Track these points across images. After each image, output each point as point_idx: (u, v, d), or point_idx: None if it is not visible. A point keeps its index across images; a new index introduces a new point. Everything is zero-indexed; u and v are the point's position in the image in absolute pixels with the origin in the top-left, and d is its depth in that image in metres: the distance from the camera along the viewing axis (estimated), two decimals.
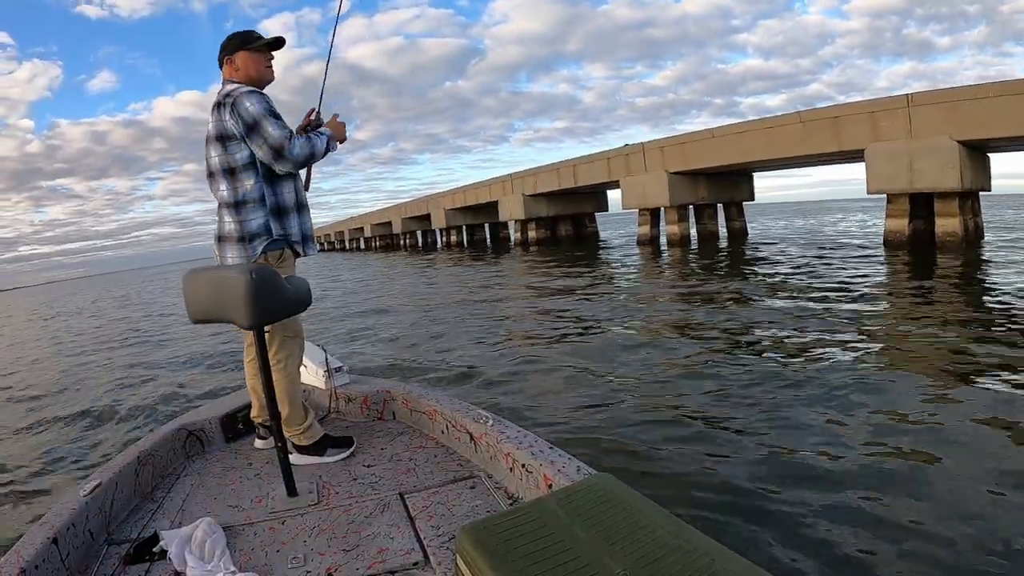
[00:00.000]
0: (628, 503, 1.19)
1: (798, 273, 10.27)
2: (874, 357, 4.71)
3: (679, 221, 19.15)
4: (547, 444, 1.82)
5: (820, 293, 7.78)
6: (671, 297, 8.80)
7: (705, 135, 17.25)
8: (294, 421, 2.19)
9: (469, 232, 36.26)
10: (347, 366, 2.84)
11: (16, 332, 18.04)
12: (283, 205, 2.16)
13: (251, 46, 2.16)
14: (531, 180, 25.93)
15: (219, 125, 2.04)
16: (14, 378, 8.45)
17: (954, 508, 2.38)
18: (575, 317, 7.70)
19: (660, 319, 7.15)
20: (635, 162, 19.85)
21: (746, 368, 4.58)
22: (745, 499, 2.60)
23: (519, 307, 9.32)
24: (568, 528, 1.12)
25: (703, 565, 0.99)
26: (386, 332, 8.08)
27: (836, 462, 2.87)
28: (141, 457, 2.09)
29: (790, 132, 14.84)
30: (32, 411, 6.06)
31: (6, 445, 4.90)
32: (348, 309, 11.16)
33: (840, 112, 13.86)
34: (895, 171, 12.61)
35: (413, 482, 2.01)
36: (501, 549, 1.06)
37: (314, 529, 1.74)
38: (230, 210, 2.10)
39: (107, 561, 1.64)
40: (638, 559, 1.02)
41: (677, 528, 1.10)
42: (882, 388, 3.91)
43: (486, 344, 6.53)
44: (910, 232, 12.91)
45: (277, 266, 2.14)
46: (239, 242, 2.10)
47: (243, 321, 1.75)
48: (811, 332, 5.63)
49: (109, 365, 8.37)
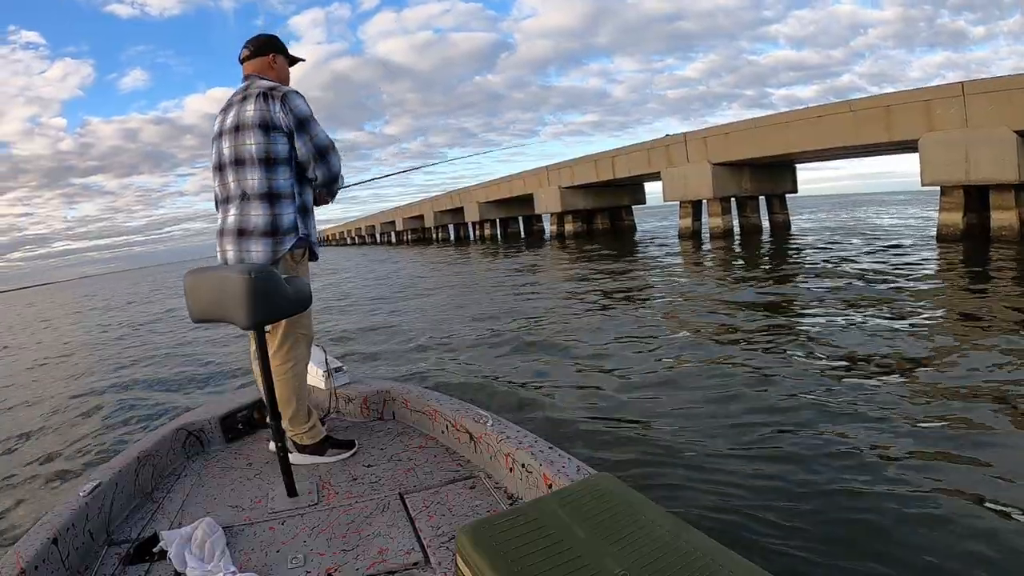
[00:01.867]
0: (628, 503, 1.20)
1: (854, 269, 9.90)
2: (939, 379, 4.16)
3: (722, 214, 19.01)
4: (547, 444, 1.84)
5: (882, 296, 7.34)
6: (723, 295, 8.42)
7: (750, 124, 17.12)
8: (299, 420, 2.22)
9: (502, 225, 36.40)
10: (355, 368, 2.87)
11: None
12: (307, 205, 2.22)
13: (288, 55, 2.33)
14: (567, 172, 25.94)
15: (265, 114, 2.04)
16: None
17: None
18: (633, 326, 6.96)
19: (719, 321, 6.74)
20: (677, 153, 19.75)
21: (822, 384, 4.20)
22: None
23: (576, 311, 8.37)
24: (568, 528, 1.13)
25: (703, 565, 1.00)
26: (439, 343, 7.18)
27: (875, 488, 2.72)
28: (141, 457, 2.11)
29: (839, 122, 14.67)
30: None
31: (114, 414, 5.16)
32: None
33: (892, 101, 13.63)
34: (951, 162, 12.39)
35: (413, 482, 2.03)
36: (501, 549, 1.07)
37: (314, 529, 1.76)
38: (262, 201, 2.07)
39: (107, 561, 1.65)
40: (638, 559, 1.03)
41: (677, 528, 1.11)
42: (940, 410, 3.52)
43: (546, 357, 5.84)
44: (964, 226, 12.69)
45: (297, 265, 2.19)
46: (268, 236, 2.08)
47: (242, 321, 1.76)
48: (877, 343, 5.16)
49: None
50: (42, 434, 5.23)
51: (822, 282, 8.72)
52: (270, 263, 2.06)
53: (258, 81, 2.15)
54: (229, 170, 2.11)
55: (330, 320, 9.87)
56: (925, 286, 7.85)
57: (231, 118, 2.10)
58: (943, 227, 13.12)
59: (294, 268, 2.16)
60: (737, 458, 3.13)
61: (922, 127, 12.91)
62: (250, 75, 2.21)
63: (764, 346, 5.38)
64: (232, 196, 2.11)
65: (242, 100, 2.09)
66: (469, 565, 1.08)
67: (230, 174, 2.10)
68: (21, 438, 5.19)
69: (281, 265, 2.10)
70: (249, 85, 2.14)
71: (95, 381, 7.55)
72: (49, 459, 4.40)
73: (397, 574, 1.52)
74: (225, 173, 2.12)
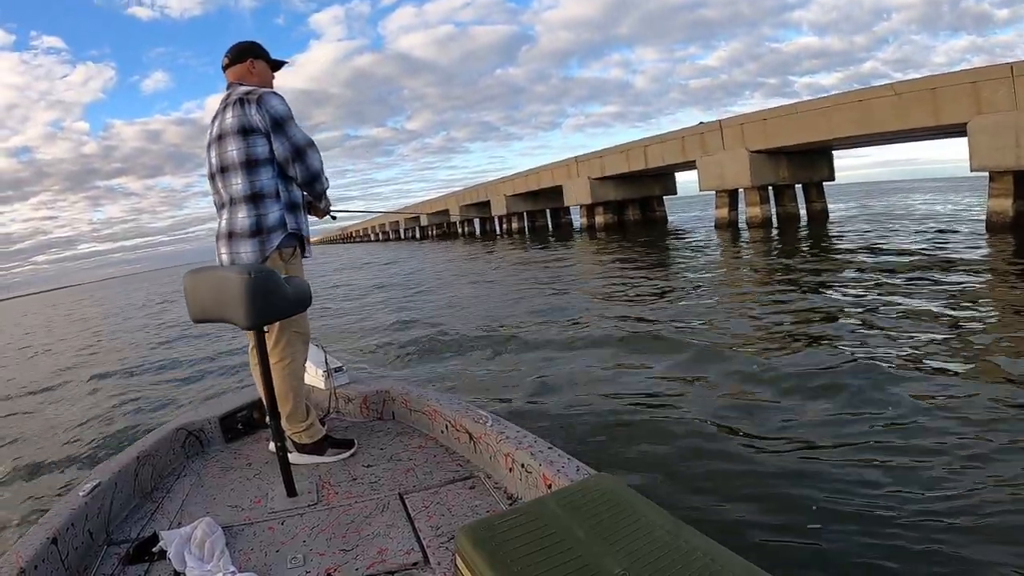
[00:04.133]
0: (628, 503, 1.21)
1: (908, 261, 9.37)
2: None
3: (760, 203, 18.83)
4: (546, 444, 1.86)
5: (942, 291, 6.88)
6: (777, 294, 7.76)
7: (789, 110, 16.98)
8: (296, 418, 2.26)
9: (529, 219, 36.41)
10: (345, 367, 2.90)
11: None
12: (295, 201, 2.28)
13: (269, 58, 2.39)
14: (597, 163, 25.86)
15: (242, 119, 2.12)
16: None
17: None
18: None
19: (766, 321, 6.32)
20: (712, 140, 19.58)
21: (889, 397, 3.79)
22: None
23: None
24: (567, 528, 1.14)
25: (702, 565, 1.01)
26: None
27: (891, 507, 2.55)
28: (140, 457, 2.14)
29: (883, 106, 14.47)
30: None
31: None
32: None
33: (938, 83, 13.42)
34: (1000, 147, 12.13)
35: (413, 482, 2.05)
36: (500, 549, 1.08)
37: (313, 529, 1.78)
38: (247, 204, 2.15)
39: (107, 561, 1.67)
40: (637, 559, 1.04)
41: (676, 528, 1.12)
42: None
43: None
44: (1014, 213, 12.36)
45: (288, 264, 2.24)
46: (254, 236, 2.15)
47: (242, 321, 1.78)
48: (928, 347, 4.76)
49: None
50: (44, 434, 5.28)
51: (879, 276, 8.33)
52: (259, 262, 2.13)
53: (238, 88, 2.22)
54: (218, 178, 2.21)
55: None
56: (980, 279, 7.46)
57: (215, 128, 2.21)
58: (992, 215, 12.80)
59: (283, 267, 2.21)
60: (738, 459, 3.14)
61: (970, 110, 12.70)
62: (231, 83, 2.29)
63: (812, 350, 5.01)
64: (224, 202, 2.22)
65: (223, 109, 2.19)
66: (469, 565, 1.09)
67: (219, 181, 2.21)
68: (20, 438, 5.28)
69: (269, 264, 2.15)
70: (230, 93, 2.22)
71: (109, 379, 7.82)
72: (48, 462, 4.43)
73: (397, 574, 1.54)
74: (216, 181, 2.23)
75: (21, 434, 5.38)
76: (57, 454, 4.55)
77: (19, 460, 4.50)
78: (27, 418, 6.14)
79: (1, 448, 4.89)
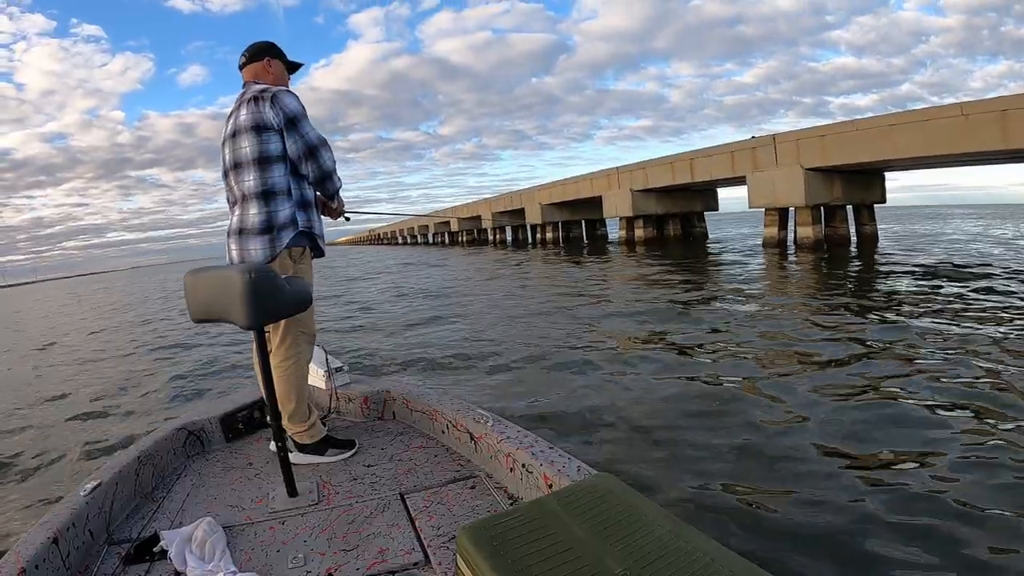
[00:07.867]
0: (628, 503, 1.23)
1: (980, 290, 8.66)
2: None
3: (812, 223, 18.44)
4: (547, 444, 1.88)
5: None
6: (847, 321, 6.98)
7: (848, 127, 16.74)
8: (299, 418, 2.29)
9: (564, 229, 36.38)
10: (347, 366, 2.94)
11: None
12: (307, 199, 2.31)
13: (286, 59, 2.46)
14: (640, 174, 25.73)
15: (256, 116, 2.17)
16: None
17: None
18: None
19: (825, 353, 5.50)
20: (764, 156, 19.28)
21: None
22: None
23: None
24: (568, 528, 1.15)
25: (703, 565, 1.03)
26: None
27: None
28: (141, 457, 2.15)
29: (950, 126, 14.25)
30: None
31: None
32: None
33: (1008, 105, 13.20)
34: None
35: (413, 482, 2.08)
36: (501, 549, 1.09)
37: (314, 529, 1.80)
38: (258, 200, 2.18)
39: (107, 561, 1.68)
40: (638, 559, 1.05)
41: (677, 528, 1.14)
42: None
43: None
44: None
45: (298, 263, 2.28)
46: (264, 233, 2.18)
47: (242, 321, 1.80)
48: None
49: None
50: (44, 433, 5.30)
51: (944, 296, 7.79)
52: (269, 260, 2.17)
53: (252, 86, 2.28)
54: (231, 174, 2.25)
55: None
56: None
57: (230, 125, 2.25)
58: None
59: (293, 266, 2.25)
60: (740, 462, 3.19)
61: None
62: (247, 81, 2.35)
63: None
64: (236, 199, 2.26)
65: (238, 107, 2.24)
66: (469, 565, 1.11)
67: (232, 178, 2.25)
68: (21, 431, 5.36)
69: (278, 262, 2.19)
70: (245, 91, 2.28)
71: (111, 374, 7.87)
72: (48, 462, 4.42)
73: (397, 574, 1.55)
74: (229, 178, 2.27)
75: (21, 434, 5.37)
76: (57, 454, 4.58)
77: (19, 460, 4.53)
78: (27, 417, 6.09)
79: (1, 448, 4.90)
